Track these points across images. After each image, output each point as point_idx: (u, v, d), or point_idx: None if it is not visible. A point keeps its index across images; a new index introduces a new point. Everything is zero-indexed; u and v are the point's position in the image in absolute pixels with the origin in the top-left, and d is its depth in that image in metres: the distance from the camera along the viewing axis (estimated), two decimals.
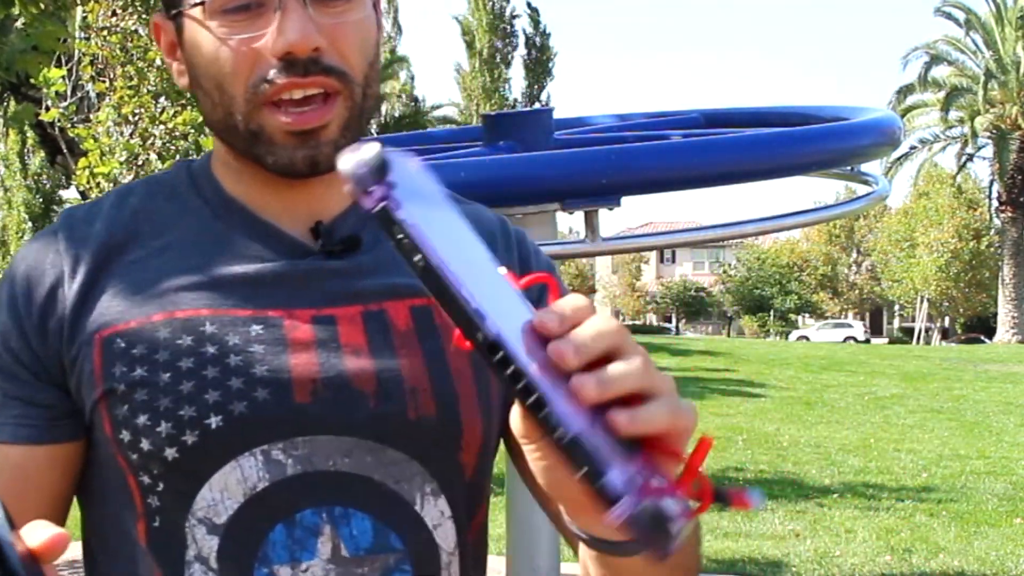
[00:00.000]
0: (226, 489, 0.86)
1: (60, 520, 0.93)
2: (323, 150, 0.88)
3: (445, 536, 0.90)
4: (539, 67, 33.98)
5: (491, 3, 33.77)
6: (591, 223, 2.60)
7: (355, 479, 0.87)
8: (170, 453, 0.85)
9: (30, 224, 18.12)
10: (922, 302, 42.09)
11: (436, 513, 0.90)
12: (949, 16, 37.13)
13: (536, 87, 33.87)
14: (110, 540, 0.91)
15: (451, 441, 0.90)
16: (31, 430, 0.89)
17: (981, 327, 43.80)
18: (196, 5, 0.88)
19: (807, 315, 51.06)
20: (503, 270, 0.58)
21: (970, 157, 38.81)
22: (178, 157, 6.57)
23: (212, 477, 0.85)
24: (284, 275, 0.91)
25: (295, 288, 0.91)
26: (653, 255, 56.09)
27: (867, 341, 40.30)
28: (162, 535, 0.87)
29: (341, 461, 0.87)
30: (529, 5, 34.78)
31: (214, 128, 0.93)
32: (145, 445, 0.85)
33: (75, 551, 0.84)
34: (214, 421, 0.85)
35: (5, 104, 11.86)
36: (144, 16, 6.94)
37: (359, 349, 0.89)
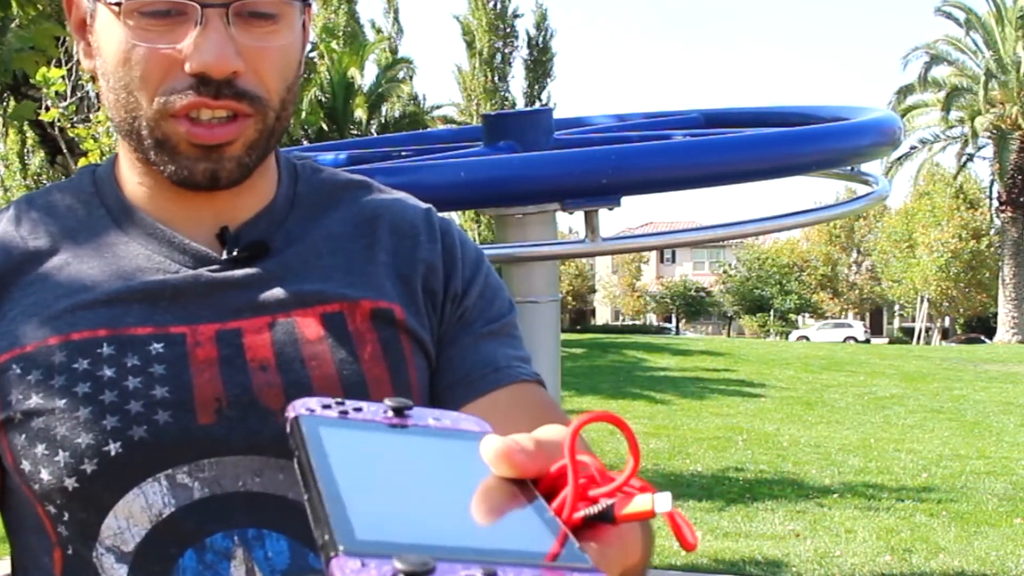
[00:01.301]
0: (131, 517, 0.82)
1: None
2: (225, 165, 0.85)
3: None
4: (540, 67, 33.95)
5: (491, 3, 33.74)
6: (591, 223, 2.59)
7: (267, 499, 0.83)
8: (70, 483, 0.81)
9: None
10: (922, 302, 42.08)
11: None
12: (949, 16, 37.12)
13: (536, 87, 33.85)
14: (29, 569, 0.88)
15: None
16: None
17: (981, 327, 43.80)
18: (114, 4, 0.83)
19: (807, 315, 51.04)
20: None
21: (970, 157, 38.79)
22: None
23: (116, 505, 0.82)
24: (187, 288, 0.87)
25: (199, 301, 0.87)
26: (653, 255, 56.09)
27: (867, 341, 40.27)
28: (75, 564, 0.84)
29: (252, 481, 0.83)
30: (539, 7, 34.55)
31: (116, 126, 0.88)
32: (45, 475, 0.82)
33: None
34: (113, 448, 0.81)
35: (5, 104, 11.85)
36: None
37: (266, 364, 0.85)
